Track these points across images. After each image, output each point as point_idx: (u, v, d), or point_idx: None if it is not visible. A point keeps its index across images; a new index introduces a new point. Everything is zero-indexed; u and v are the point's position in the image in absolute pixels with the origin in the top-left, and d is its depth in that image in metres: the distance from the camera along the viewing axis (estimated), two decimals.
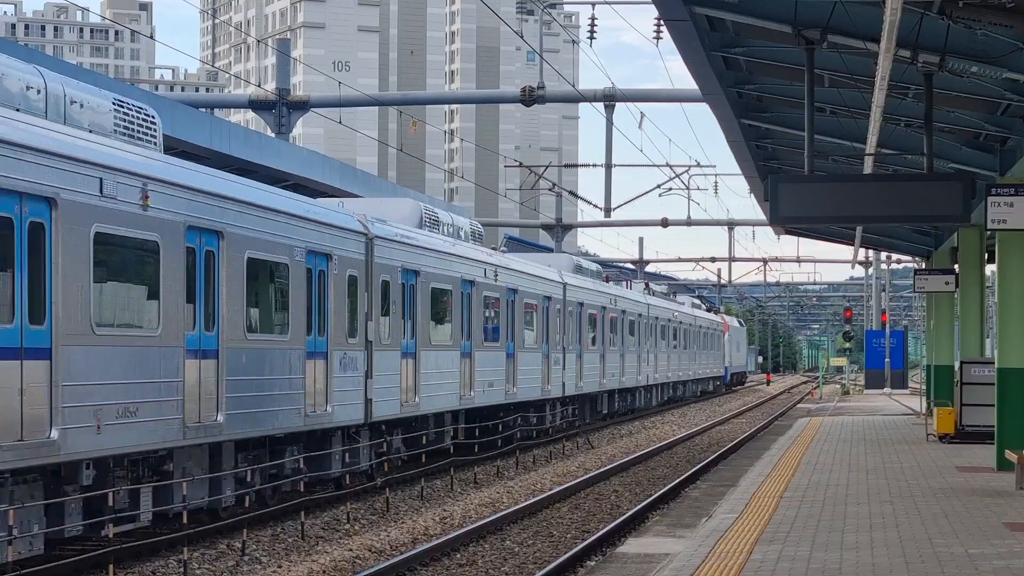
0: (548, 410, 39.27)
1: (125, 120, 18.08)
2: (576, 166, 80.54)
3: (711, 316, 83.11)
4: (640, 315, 54.81)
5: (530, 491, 26.56)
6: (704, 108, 27.65)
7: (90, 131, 17.04)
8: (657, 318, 59.56)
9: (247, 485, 20.47)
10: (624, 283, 62.07)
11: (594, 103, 53.55)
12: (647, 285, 67.77)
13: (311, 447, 22.76)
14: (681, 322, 67.55)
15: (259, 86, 58.82)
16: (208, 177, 19.35)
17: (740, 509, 18.88)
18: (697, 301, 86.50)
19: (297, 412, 21.40)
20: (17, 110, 15.74)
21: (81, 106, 17.14)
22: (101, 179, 16.32)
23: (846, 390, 79.49)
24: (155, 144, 18.62)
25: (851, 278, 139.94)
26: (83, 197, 15.87)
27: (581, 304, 43.25)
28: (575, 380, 42.47)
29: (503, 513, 22.15)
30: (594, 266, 50.74)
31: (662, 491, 26.07)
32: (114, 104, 17.97)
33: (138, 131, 18.33)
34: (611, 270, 74.31)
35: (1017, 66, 18.08)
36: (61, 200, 15.46)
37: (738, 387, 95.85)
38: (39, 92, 16.47)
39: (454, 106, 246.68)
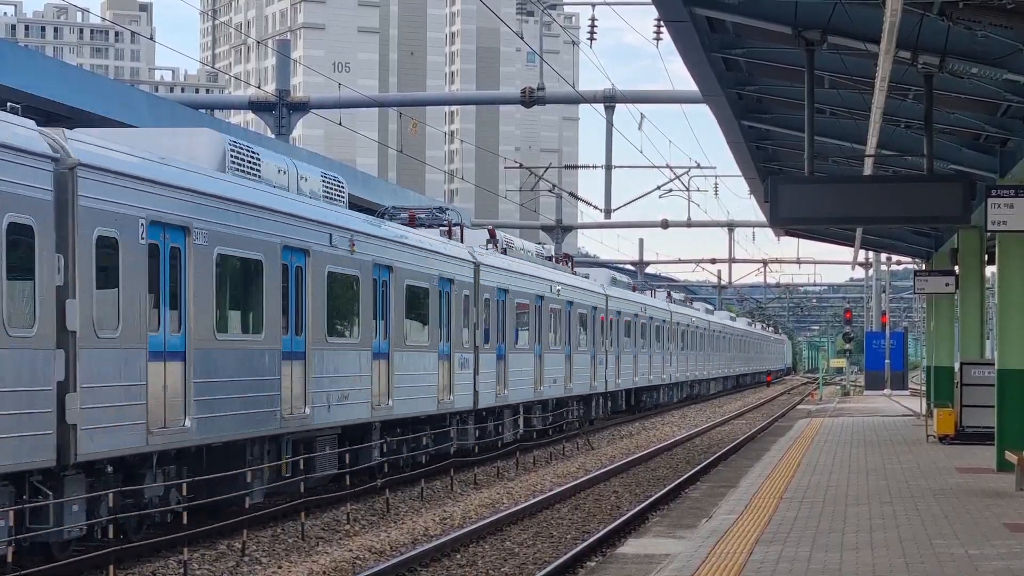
0: (663, 391, 63.89)
1: None
2: (576, 167, 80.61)
3: (779, 336, 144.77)
4: (749, 336, 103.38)
5: (530, 492, 26.56)
6: (704, 109, 27.50)
7: None
8: (761, 338, 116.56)
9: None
10: (753, 324, 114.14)
11: (594, 104, 53.58)
12: (761, 323, 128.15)
13: None
14: (770, 339, 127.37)
15: (259, 87, 58.88)
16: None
17: (740, 510, 18.89)
18: (773, 329, 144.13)
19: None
20: None
21: None
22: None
23: (846, 391, 79.47)
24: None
25: (851, 279, 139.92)
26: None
27: (677, 324, 66.12)
28: (684, 370, 68.43)
29: (503, 514, 22.15)
30: (679, 295, 77.21)
31: (662, 492, 26.07)
32: None
33: None
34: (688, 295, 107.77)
35: (1017, 67, 18.09)
36: None
37: (787, 375, 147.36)
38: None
39: (454, 107, 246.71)
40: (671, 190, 63.89)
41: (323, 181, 24.13)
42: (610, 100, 53.60)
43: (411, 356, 27.45)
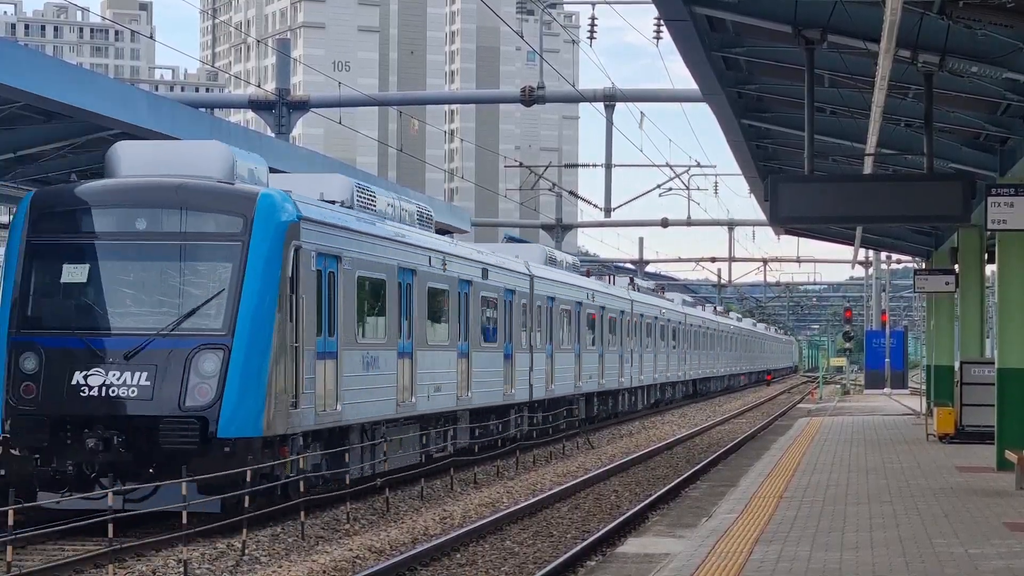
0: (712, 383, 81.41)
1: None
2: (576, 166, 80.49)
3: (788, 337, 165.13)
4: (766, 338, 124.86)
5: (530, 491, 26.56)
6: (704, 108, 27.73)
7: None
8: (775, 339, 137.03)
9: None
10: (768, 328, 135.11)
11: (594, 103, 53.53)
12: (774, 327, 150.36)
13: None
14: (781, 340, 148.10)
15: (259, 86, 58.83)
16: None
17: (740, 509, 18.89)
18: (784, 332, 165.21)
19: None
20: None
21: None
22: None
23: (846, 390, 79.45)
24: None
25: (851, 278, 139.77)
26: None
27: (722, 331, 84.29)
28: (725, 366, 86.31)
29: (503, 513, 22.15)
30: (720, 307, 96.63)
31: (662, 491, 26.07)
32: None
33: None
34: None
35: (1017, 66, 18.08)
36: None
37: (793, 372, 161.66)
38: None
39: (454, 106, 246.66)
40: (671, 189, 63.79)
41: (578, 263, 45.23)
42: (610, 99, 53.51)
43: (611, 355, 47.57)
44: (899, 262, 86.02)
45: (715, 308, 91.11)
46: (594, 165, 67.02)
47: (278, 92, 54.67)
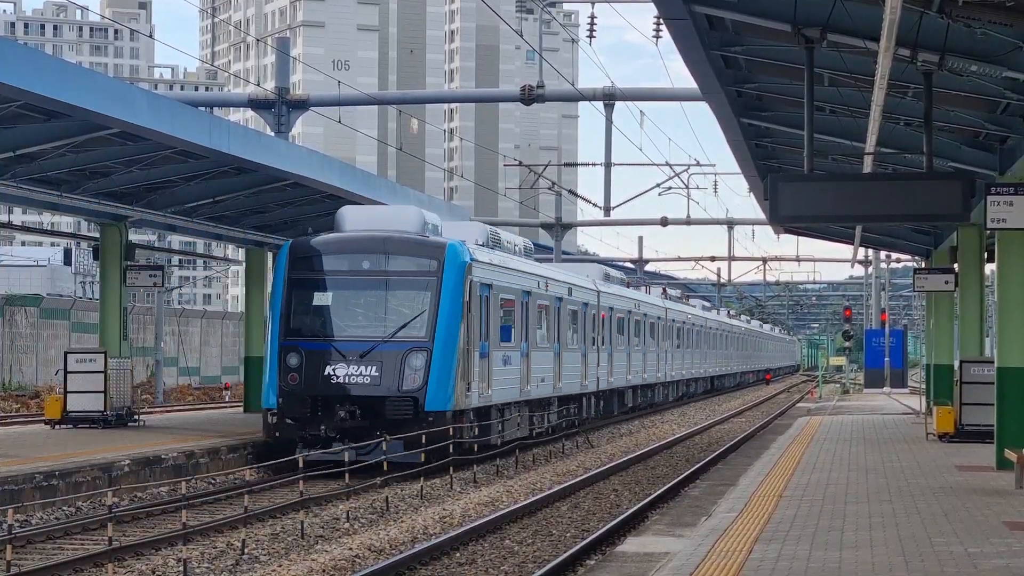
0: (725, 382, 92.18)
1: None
2: (576, 165, 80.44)
3: (792, 337, 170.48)
4: (774, 339, 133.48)
5: (530, 490, 26.55)
6: (704, 107, 27.85)
7: None
8: (780, 339, 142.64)
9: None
10: (773, 329, 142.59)
11: (594, 102, 53.51)
12: (779, 327, 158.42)
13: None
14: (786, 340, 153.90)
15: (258, 85, 58.77)
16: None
17: (740, 508, 18.89)
18: (787, 332, 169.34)
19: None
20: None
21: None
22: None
23: (846, 389, 79.42)
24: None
25: (850, 277, 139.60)
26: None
27: (736, 334, 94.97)
28: (741, 364, 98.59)
29: (503, 512, 22.15)
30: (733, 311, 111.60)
31: (662, 490, 26.07)
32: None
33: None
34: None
35: (1017, 65, 18.07)
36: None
37: (795, 371, 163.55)
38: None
39: (454, 105, 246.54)
40: (671, 188, 63.71)
41: (624, 277, 56.41)
42: (610, 98, 53.46)
43: (651, 354, 56.99)
44: (899, 261, 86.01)
45: (728, 312, 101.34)
46: (594, 164, 66.85)
47: (277, 91, 54.62)
